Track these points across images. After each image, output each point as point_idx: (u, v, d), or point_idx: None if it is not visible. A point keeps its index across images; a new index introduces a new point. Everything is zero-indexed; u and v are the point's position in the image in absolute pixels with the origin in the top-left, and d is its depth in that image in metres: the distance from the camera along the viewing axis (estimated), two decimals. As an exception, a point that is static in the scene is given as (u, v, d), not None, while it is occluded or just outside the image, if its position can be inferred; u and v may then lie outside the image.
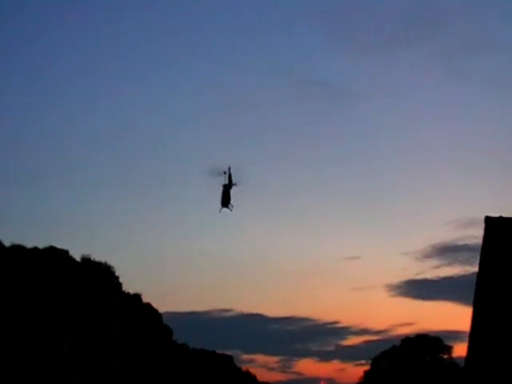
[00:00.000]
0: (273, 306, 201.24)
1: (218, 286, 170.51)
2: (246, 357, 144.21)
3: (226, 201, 34.92)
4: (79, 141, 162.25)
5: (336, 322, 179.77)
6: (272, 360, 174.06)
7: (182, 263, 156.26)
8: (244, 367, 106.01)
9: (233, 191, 32.75)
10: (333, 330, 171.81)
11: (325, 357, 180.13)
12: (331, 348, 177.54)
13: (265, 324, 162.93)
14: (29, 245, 60.75)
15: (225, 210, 32.86)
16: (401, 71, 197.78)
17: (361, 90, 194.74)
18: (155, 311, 76.50)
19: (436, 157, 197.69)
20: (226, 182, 33.73)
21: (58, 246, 62.84)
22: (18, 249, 58.88)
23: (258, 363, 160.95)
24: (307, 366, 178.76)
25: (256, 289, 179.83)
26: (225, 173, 33.95)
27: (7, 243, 58.62)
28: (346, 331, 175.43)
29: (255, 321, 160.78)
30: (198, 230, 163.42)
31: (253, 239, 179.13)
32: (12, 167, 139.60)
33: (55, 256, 61.34)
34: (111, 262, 67.69)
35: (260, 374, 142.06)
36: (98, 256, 66.59)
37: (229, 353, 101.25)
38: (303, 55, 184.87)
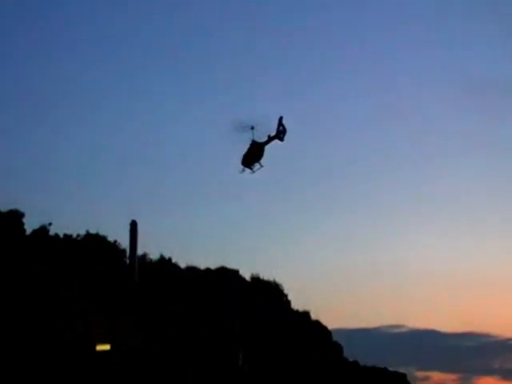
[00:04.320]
0: (448, 321, 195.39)
1: (387, 301, 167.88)
2: (420, 374, 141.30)
3: (252, 159, 29.55)
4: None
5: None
6: (449, 377, 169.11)
7: (348, 278, 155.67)
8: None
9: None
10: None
11: (509, 375, 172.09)
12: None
13: (440, 340, 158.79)
14: (202, 266, 64.83)
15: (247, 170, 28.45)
16: None
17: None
18: (324, 328, 77.63)
19: None
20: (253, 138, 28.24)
21: (229, 266, 66.47)
22: (192, 270, 62.81)
23: (433, 381, 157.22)
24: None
25: (428, 303, 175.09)
26: (252, 128, 29.12)
27: (182, 265, 63.02)
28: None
29: (429, 337, 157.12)
30: (363, 242, 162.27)
31: (423, 249, 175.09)
32: (199, 189, 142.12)
33: (226, 276, 64.65)
34: (279, 279, 70.15)
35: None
36: (266, 274, 69.37)
37: (402, 370, 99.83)
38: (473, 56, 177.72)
